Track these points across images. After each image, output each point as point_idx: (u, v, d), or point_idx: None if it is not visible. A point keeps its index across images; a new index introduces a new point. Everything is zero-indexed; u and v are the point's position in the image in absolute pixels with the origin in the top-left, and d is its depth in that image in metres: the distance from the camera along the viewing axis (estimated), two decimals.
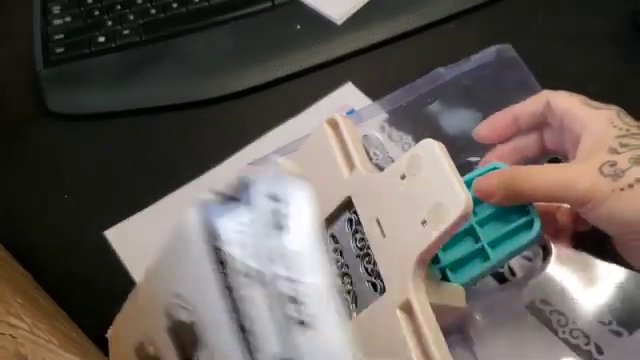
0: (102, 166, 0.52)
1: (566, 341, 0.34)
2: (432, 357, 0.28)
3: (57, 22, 0.58)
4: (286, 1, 0.56)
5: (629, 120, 0.33)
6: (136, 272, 0.45)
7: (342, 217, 0.35)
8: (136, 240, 0.47)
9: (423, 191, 0.30)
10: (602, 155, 0.32)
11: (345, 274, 0.34)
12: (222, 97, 0.52)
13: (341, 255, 0.35)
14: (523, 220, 0.33)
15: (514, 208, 0.34)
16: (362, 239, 0.33)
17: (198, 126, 0.52)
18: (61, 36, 0.57)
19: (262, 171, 0.27)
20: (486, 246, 0.33)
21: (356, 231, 0.34)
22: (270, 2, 0.56)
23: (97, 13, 0.58)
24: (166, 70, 0.54)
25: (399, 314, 0.29)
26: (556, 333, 0.35)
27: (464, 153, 0.42)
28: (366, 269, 0.33)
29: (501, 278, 0.39)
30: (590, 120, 0.33)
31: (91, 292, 0.46)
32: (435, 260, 0.34)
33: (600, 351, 0.34)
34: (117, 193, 0.50)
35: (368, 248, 0.32)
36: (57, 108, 0.54)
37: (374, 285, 0.32)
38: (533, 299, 0.36)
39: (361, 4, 0.55)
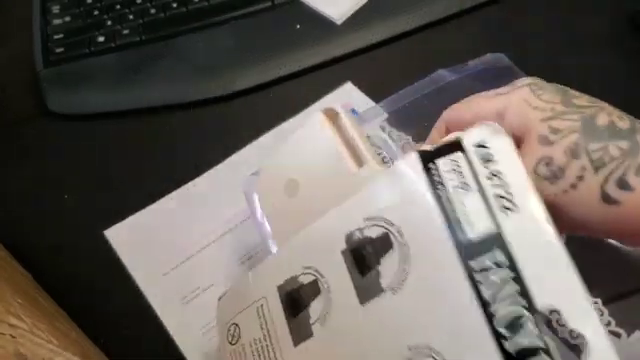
0: (102, 166, 0.52)
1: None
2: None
3: (57, 22, 0.58)
4: (286, 1, 0.56)
5: (547, 95, 0.29)
6: (136, 271, 0.45)
7: None
8: (136, 240, 0.47)
9: None
10: (533, 148, 0.28)
11: None
12: (222, 97, 0.53)
13: None
14: None
15: None
16: None
17: (198, 126, 0.52)
18: (61, 36, 0.57)
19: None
20: None
21: None
22: (270, 2, 0.56)
23: (97, 13, 0.58)
24: (166, 70, 0.54)
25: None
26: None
27: None
28: None
29: None
30: (504, 109, 0.29)
31: (91, 292, 0.46)
32: None
33: None
34: (117, 193, 0.50)
35: None
36: (57, 108, 0.54)
37: None
38: None
39: (361, 4, 0.55)
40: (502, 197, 0.26)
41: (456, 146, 0.27)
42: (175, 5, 0.57)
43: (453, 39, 0.53)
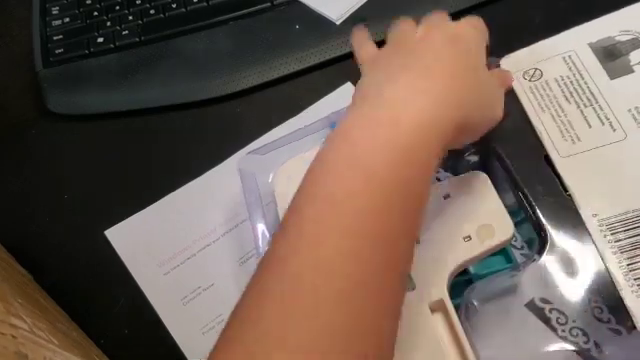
0: (102, 166, 0.52)
1: (565, 339, 0.35)
2: (464, 348, 0.33)
3: (56, 23, 0.58)
4: (285, 1, 0.56)
5: None
6: (136, 271, 0.46)
7: None
8: (137, 240, 0.47)
9: (470, 212, 0.35)
10: None
11: None
12: (222, 97, 0.53)
13: None
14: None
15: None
16: None
17: (198, 126, 0.52)
18: (60, 37, 0.57)
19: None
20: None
21: None
22: (269, 2, 0.56)
23: (96, 14, 0.58)
24: (166, 70, 0.54)
25: (429, 311, 0.33)
26: (555, 331, 0.35)
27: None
28: None
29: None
30: None
31: (91, 292, 0.46)
32: None
33: (600, 349, 0.35)
34: (117, 193, 0.50)
35: None
36: (57, 108, 0.54)
37: None
38: (532, 297, 0.36)
39: (359, 4, 0.55)
40: None
41: None
42: (174, 6, 0.57)
43: None
